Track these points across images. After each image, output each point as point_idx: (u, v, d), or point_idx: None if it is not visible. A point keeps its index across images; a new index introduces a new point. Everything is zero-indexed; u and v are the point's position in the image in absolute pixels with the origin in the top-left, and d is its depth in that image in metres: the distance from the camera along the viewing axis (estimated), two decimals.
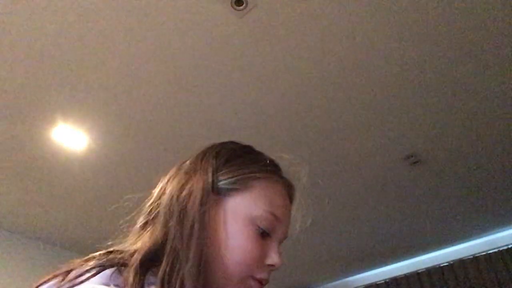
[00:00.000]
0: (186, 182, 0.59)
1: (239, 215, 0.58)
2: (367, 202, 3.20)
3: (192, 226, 0.54)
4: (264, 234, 0.59)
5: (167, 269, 0.51)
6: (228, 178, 0.60)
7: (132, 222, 0.63)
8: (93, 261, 0.52)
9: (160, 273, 0.50)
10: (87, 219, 3.14)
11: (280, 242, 0.62)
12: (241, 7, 1.74)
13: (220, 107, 2.27)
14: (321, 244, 3.77)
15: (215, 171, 0.60)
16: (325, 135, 2.51)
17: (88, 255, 0.55)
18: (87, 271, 0.48)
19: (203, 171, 0.60)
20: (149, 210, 0.61)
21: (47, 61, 1.94)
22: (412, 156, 2.70)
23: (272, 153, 0.69)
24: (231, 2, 1.72)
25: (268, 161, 0.65)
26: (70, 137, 2.37)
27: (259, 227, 0.58)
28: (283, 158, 0.68)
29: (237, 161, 0.62)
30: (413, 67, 2.09)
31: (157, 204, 0.60)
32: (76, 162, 2.55)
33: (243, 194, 0.59)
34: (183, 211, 0.56)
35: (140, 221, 0.61)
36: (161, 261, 0.52)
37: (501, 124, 2.51)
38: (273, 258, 0.59)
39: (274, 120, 2.38)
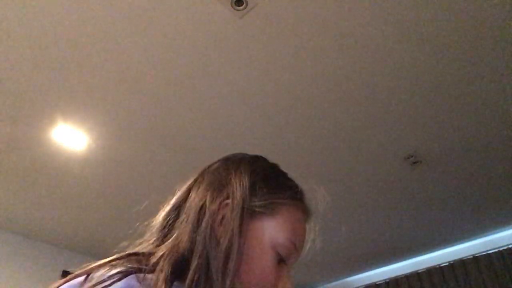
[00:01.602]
0: (219, 194, 0.58)
1: (262, 240, 0.57)
2: (367, 202, 3.20)
3: (229, 248, 0.53)
4: (280, 260, 0.58)
5: (194, 284, 0.50)
6: (261, 200, 0.59)
7: (149, 224, 0.61)
8: (116, 265, 0.50)
9: (187, 284, 0.50)
10: (87, 219, 3.14)
11: (291, 266, 0.62)
12: (241, 7, 1.74)
13: (219, 106, 2.26)
14: (321, 244, 3.76)
15: (252, 190, 0.59)
16: (325, 135, 2.51)
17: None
18: (112, 276, 0.47)
19: (240, 187, 0.58)
20: (171, 214, 0.60)
21: (47, 61, 1.94)
22: (412, 156, 2.70)
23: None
24: (231, 2, 1.73)
25: (296, 187, 0.65)
26: (70, 137, 2.37)
27: (278, 253, 0.58)
28: (304, 182, 0.67)
29: (271, 182, 0.62)
30: (413, 67, 2.09)
31: (180, 209, 0.59)
32: (76, 162, 2.56)
33: (270, 219, 0.59)
34: (216, 226, 0.55)
35: (161, 224, 0.60)
36: (186, 273, 0.51)
37: (501, 124, 2.51)
38: (285, 284, 0.59)
39: (274, 120, 2.38)
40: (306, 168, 2.77)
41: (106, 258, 0.53)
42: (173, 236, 0.56)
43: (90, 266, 0.51)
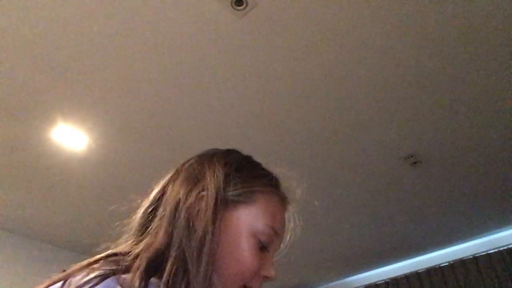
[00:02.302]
0: (194, 187, 0.59)
1: (242, 228, 0.58)
2: (367, 202, 3.20)
3: (203, 236, 0.54)
4: (262, 248, 0.59)
5: (172, 276, 0.50)
6: (235, 190, 0.60)
7: (129, 223, 0.61)
8: (94, 269, 0.50)
9: (164, 279, 0.50)
10: (87, 219, 3.14)
11: (274, 253, 0.64)
12: (241, 7, 1.74)
13: (219, 107, 2.27)
14: (321, 244, 3.77)
15: (226, 180, 0.60)
16: (325, 135, 2.51)
17: (87, 256, 0.54)
18: (89, 280, 0.47)
19: (214, 179, 0.59)
20: (148, 211, 0.60)
21: (47, 61, 1.94)
22: (412, 156, 2.70)
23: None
24: (231, 2, 1.72)
25: (270, 174, 0.66)
26: (70, 137, 2.37)
27: (259, 241, 0.59)
28: (279, 172, 0.69)
29: (245, 172, 0.63)
30: (413, 67, 2.09)
31: (157, 206, 0.59)
32: (76, 162, 2.55)
33: (247, 207, 0.60)
34: (192, 218, 0.55)
35: (138, 222, 0.60)
36: (164, 267, 0.51)
37: (501, 124, 2.51)
38: (269, 271, 0.60)
39: (274, 120, 2.38)
40: (306, 168, 2.76)
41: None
42: (150, 233, 0.56)
43: (68, 271, 0.51)
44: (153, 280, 0.50)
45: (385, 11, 1.80)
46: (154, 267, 0.51)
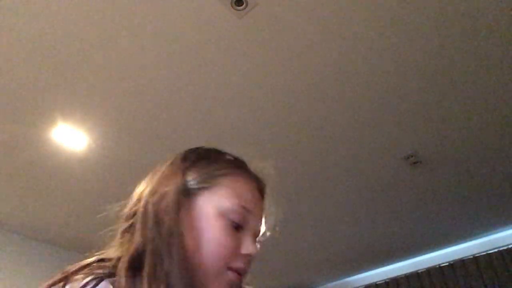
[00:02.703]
0: (158, 186, 0.63)
1: (209, 211, 0.61)
2: (367, 202, 3.20)
3: (170, 228, 0.57)
4: (237, 227, 0.62)
5: (152, 269, 0.54)
6: (196, 178, 0.63)
7: (115, 229, 0.65)
8: (88, 273, 0.54)
9: (146, 272, 0.53)
10: (87, 219, 3.14)
11: (256, 234, 0.66)
12: (241, 7, 1.74)
13: (219, 107, 2.27)
14: (321, 244, 3.77)
15: (184, 174, 0.63)
16: (325, 135, 2.51)
17: (87, 256, 0.58)
18: (88, 283, 0.51)
19: (173, 175, 0.63)
20: (127, 216, 0.64)
21: (47, 61, 1.94)
22: (412, 156, 2.70)
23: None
24: (231, 2, 1.73)
25: (232, 158, 0.69)
26: (70, 137, 2.37)
27: (230, 220, 0.61)
28: (249, 156, 0.71)
29: (203, 161, 0.66)
30: (413, 67, 2.09)
31: (134, 210, 0.63)
32: (76, 162, 2.55)
33: (211, 191, 0.63)
34: (158, 215, 0.59)
35: (121, 227, 0.64)
36: (144, 264, 0.55)
37: (501, 124, 2.51)
38: (247, 247, 0.62)
39: (274, 120, 2.38)
40: (305, 167, 2.77)
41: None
42: (130, 234, 0.61)
43: (64, 275, 0.54)
44: (139, 277, 0.54)
45: (385, 10, 1.80)
46: (137, 265, 0.55)
